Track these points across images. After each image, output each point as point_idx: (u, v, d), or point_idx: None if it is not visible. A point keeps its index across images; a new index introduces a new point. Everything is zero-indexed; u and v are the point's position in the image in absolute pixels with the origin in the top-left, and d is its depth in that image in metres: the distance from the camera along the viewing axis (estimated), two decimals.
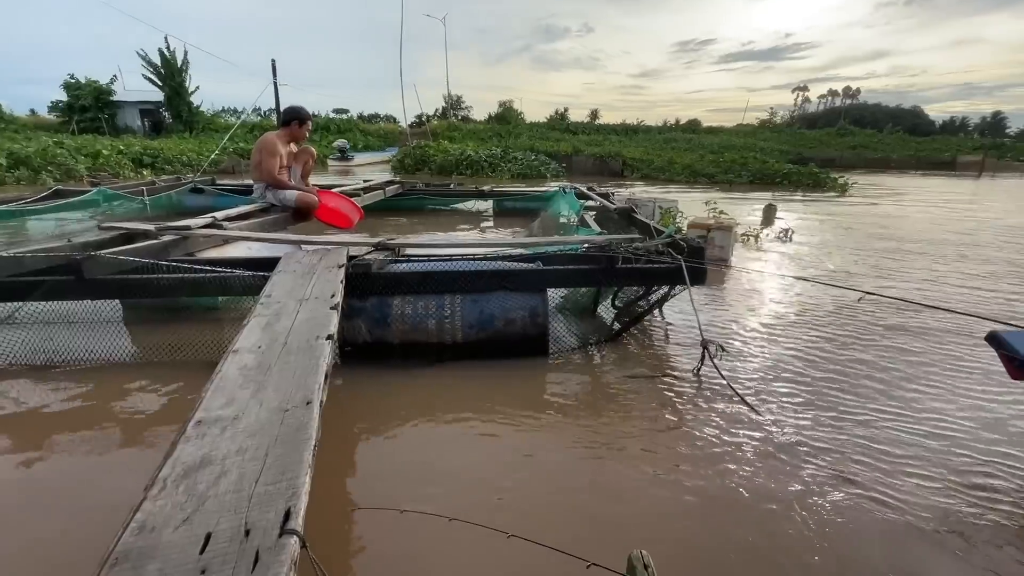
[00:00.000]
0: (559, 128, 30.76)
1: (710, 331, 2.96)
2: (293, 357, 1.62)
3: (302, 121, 4.13)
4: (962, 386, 2.45)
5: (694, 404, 2.22)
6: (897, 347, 2.90)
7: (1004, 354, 1.61)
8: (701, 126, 36.81)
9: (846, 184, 13.07)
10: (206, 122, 23.27)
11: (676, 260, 2.60)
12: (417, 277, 2.51)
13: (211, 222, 3.31)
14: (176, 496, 1.07)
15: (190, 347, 2.54)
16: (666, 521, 1.54)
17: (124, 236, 3.05)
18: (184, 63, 22.28)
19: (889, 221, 7.93)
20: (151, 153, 13.82)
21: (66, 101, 22.50)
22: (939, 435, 2.03)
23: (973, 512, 1.60)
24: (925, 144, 30.22)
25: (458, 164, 15.44)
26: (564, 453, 1.87)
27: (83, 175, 10.63)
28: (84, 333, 2.56)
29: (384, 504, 1.43)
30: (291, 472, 1.11)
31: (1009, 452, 1.93)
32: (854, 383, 2.46)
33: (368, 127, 28.03)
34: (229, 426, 1.30)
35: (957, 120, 62.40)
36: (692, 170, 15.74)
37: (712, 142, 25.79)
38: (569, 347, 2.73)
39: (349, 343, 2.51)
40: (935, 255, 5.40)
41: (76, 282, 2.39)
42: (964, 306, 3.65)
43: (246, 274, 2.42)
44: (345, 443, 1.92)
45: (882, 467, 1.81)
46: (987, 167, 22.87)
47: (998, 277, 4.53)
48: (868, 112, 54.49)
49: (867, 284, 4.15)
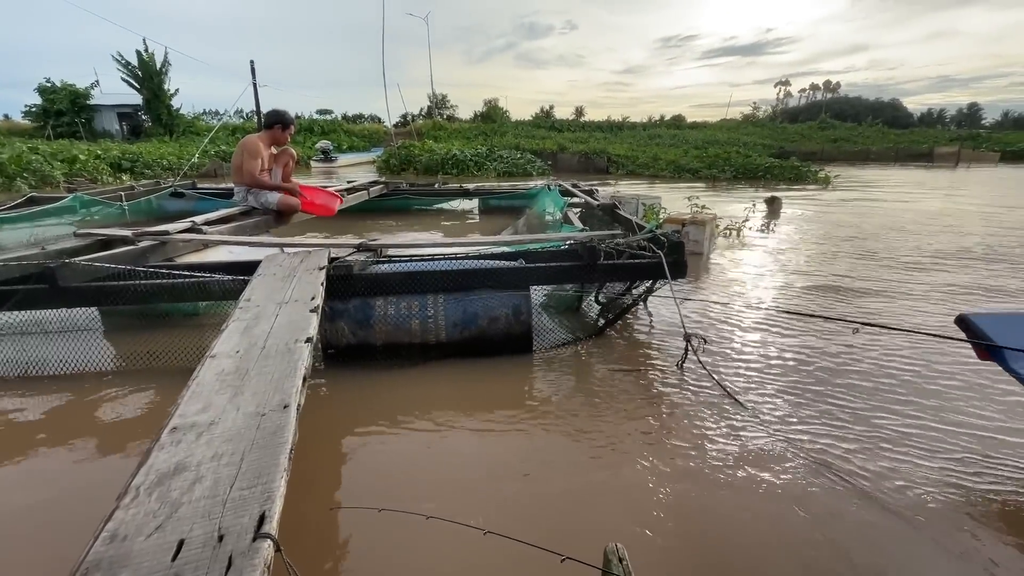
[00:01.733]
0: (544, 126, 30.78)
1: (692, 323, 2.99)
2: (271, 361, 1.61)
3: (285, 125, 4.09)
4: (946, 375, 2.51)
5: (678, 397, 2.25)
6: (879, 336, 2.95)
7: (973, 336, 1.65)
8: (685, 122, 36.96)
9: (828, 177, 13.27)
10: (186, 125, 22.88)
11: (657, 255, 2.62)
12: (399, 277, 2.51)
13: (190, 226, 3.27)
14: (149, 504, 1.06)
15: (169, 354, 2.51)
16: (647, 516, 1.56)
17: (101, 243, 2.99)
18: (164, 65, 21.90)
19: (865, 210, 8.07)
20: (130, 157, 13.57)
21: (41, 105, 21.99)
22: (927, 426, 2.07)
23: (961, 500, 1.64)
24: (904, 136, 30.79)
25: (444, 163, 15.40)
26: (545, 451, 1.88)
27: (59, 181, 10.41)
28: (60, 342, 2.51)
29: (363, 503, 1.43)
30: (266, 476, 1.11)
31: (998, 441, 1.97)
32: (836, 372, 2.51)
33: (353, 128, 27.79)
34: (205, 432, 1.29)
35: (935, 112, 63.55)
36: (677, 166, 15.86)
37: (696, 137, 26.00)
38: (554, 344, 2.75)
39: (332, 345, 2.50)
40: (911, 243, 5.51)
41: (50, 290, 2.35)
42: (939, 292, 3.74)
43: (226, 278, 2.40)
44: (326, 444, 1.92)
45: (869, 457, 1.84)
46: (963, 158, 23.35)
47: (967, 265, 4.64)
48: (849, 105, 55.26)
49: (850, 283, 4.22)
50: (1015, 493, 1.66)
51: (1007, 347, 1.58)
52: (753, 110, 52.64)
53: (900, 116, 53.61)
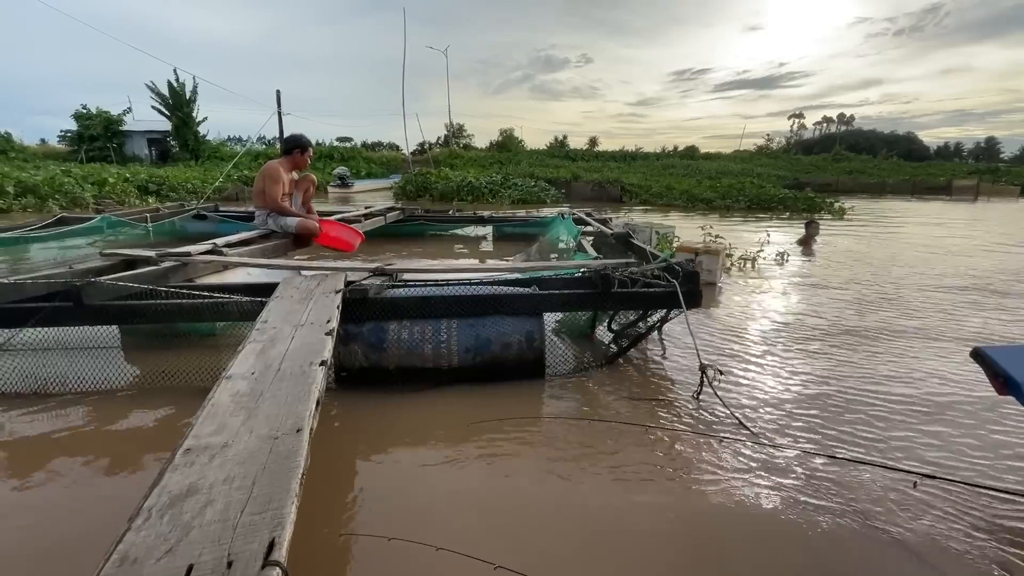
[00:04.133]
0: (559, 155, 31.26)
1: (706, 353, 2.95)
2: (286, 383, 1.61)
3: (303, 149, 4.22)
4: (969, 405, 2.42)
5: (694, 428, 2.20)
6: (898, 364, 2.88)
7: (989, 371, 1.61)
8: (699, 152, 37.37)
9: (843, 209, 13.19)
10: (212, 151, 23.71)
11: (671, 284, 2.61)
12: (414, 302, 2.52)
13: (211, 248, 3.35)
14: (160, 527, 1.05)
15: (186, 373, 2.53)
16: (663, 551, 1.51)
17: (125, 262, 3.08)
18: (193, 94, 22.87)
19: (883, 243, 7.97)
20: (156, 181, 14.04)
21: (76, 130, 23.01)
22: (949, 458, 2.00)
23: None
24: (920, 169, 30.66)
25: (459, 190, 15.65)
26: (559, 481, 1.84)
27: (89, 203, 10.78)
28: (81, 359, 2.56)
29: (373, 531, 1.40)
30: (277, 501, 1.10)
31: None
32: (853, 403, 2.44)
33: (371, 155, 28.53)
34: (218, 454, 1.29)
35: (952, 145, 63.38)
36: (690, 195, 15.91)
37: (710, 168, 26.15)
38: (566, 371, 2.72)
39: (345, 368, 2.51)
40: (922, 277, 5.41)
41: (75, 308, 2.40)
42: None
43: (243, 300, 2.43)
44: (337, 468, 1.90)
45: (886, 491, 1.78)
46: (982, 191, 23.09)
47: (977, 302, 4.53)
48: (863, 138, 55.41)
49: (874, 316, 4.14)
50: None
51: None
52: (767, 142, 53.03)
53: (916, 149, 53.54)
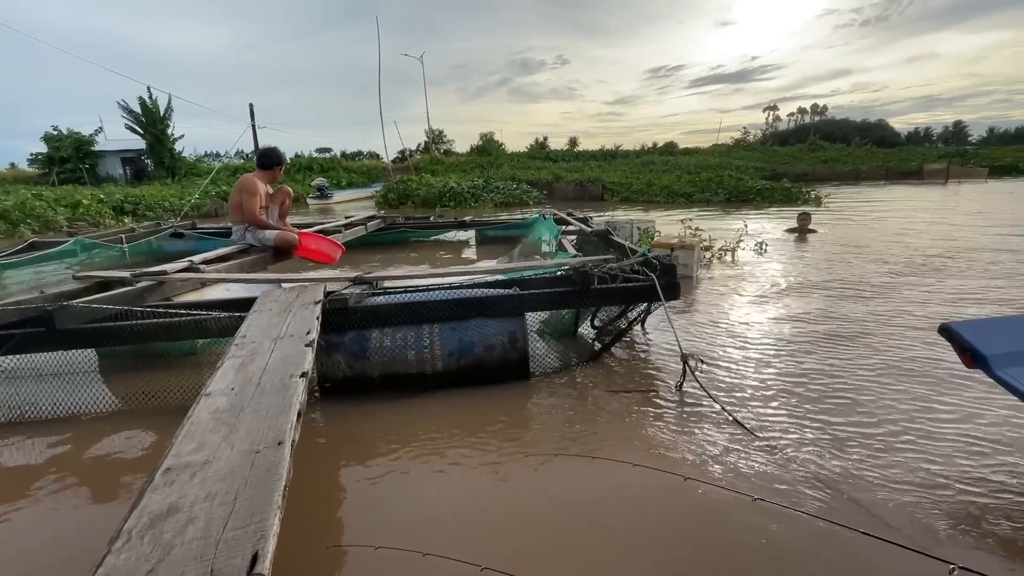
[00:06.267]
0: (539, 156, 31.39)
1: (688, 344, 2.99)
2: (266, 397, 1.61)
3: (275, 163, 4.20)
4: (941, 388, 2.49)
5: (678, 418, 2.23)
6: (872, 353, 2.95)
7: (957, 346, 1.66)
8: (678, 148, 37.68)
9: (819, 197, 13.46)
10: (188, 167, 23.37)
11: (649, 278, 2.65)
12: (395, 308, 2.52)
13: (188, 266, 3.30)
14: (141, 548, 1.04)
15: (166, 393, 2.50)
16: (653, 548, 1.53)
17: (99, 284, 3.02)
18: (167, 111, 22.52)
19: (857, 228, 8.15)
20: (132, 200, 13.81)
21: (46, 153, 22.52)
22: (924, 441, 2.05)
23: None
24: (893, 155, 31.37)
25: (441, 196, 15.63)
26: (546, 481, 1.85)
27: (62, 226, 10.56)
28: (57, 385, 2.51)
29: (359, 541, 1.40)
30: (260, 514, 1.10)
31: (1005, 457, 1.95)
32: (833, 388, 2.49)
33: (351, 164, 28.32)
34: (199, 471, 1.28)
35: (922, 131, 65.01)
36: (671, 191, 16.08)
37: (689, 163, 26.48)
38: (551, 369, 2.74)
39: (328, 379, 2.49)
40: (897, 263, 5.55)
41: (47, 333, 2.36)
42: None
43: (222, 315, 2.41)
44: (322, 480, 1.89)
45: (875, 479, 1.82)
46: (952, 174, 23.69)
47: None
48: (837, 127, 56.51)
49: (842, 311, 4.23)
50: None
51: (992, 353, 1.58)
52: (744, 135, 53.85)
53: (888, 135, 54.80)
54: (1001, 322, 1.89)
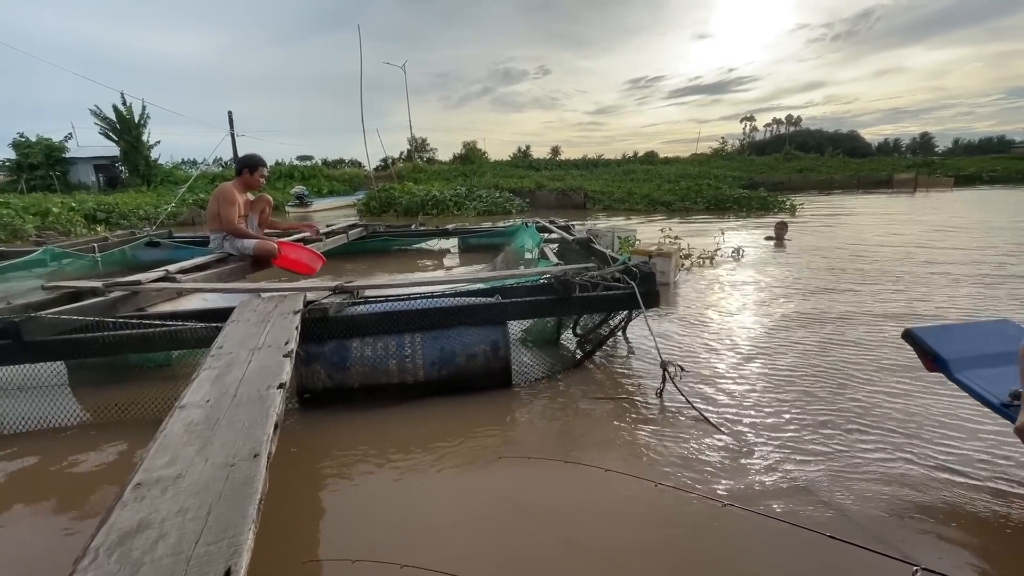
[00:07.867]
0: (522, 165, 31.54)
1: (667, 351, 3.03)
2: (243, 409, 1.58)
3: (253, 168, 4.12)
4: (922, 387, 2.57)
5: (658, 425, 2.26)
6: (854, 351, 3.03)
7: (919, 350, 1.72)
8: (658, 157, 38.39)
9: (794, 206, 13.81)
10: (165, 174, 22.86)
11: (629, 286, 2.68)
12: (375, 318, 2.51)
13: (163, 275, 3.23)
14: (108, 566, 1.01)
15: (140, 405, 2.43)
16: (636, 554, 1.54)
17: (70, 295, 2.94)
18: (142, 117, 22.04)
19: (829, 236, 8.37)
20: (105, 208, 13.44)
21: (14, 160, 21.82)
22: (893, 443, 2.11)
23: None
24: (864, 165, 32.36)
25: (424, 204, 15.60)
26: (526, 489, 1.85)
27: (30, 234, 10.23)
28: (24, 398, 2.42)
29: (337, 554, 1.38)
30: (233, 529, 1.08)
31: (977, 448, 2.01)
32: (807, 393, 2.55)
33: (333, 172, 28.02)
34: (171, 486, 1.25)
35: (891, 141, 67.26)
36: (651, 199, 16.31)
37: (669, 172, 26.87)
38: (533, 377, 2.75)
39: (308, 389, 2.46)
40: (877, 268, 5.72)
41: (14, 345, 2.28)
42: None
43: (198, 326, 2.36)
44: (300, 492, 1.86)
45: (847, 481, 1.86)
46: (920, 183, 24.53)
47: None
48: (811, 138, 58.14)
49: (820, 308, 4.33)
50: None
51: (951, 357, 1.64)
52: (722, 144, 54.93)
53: (859, 146, 56.59)
54: (961, 328, 1.97)
